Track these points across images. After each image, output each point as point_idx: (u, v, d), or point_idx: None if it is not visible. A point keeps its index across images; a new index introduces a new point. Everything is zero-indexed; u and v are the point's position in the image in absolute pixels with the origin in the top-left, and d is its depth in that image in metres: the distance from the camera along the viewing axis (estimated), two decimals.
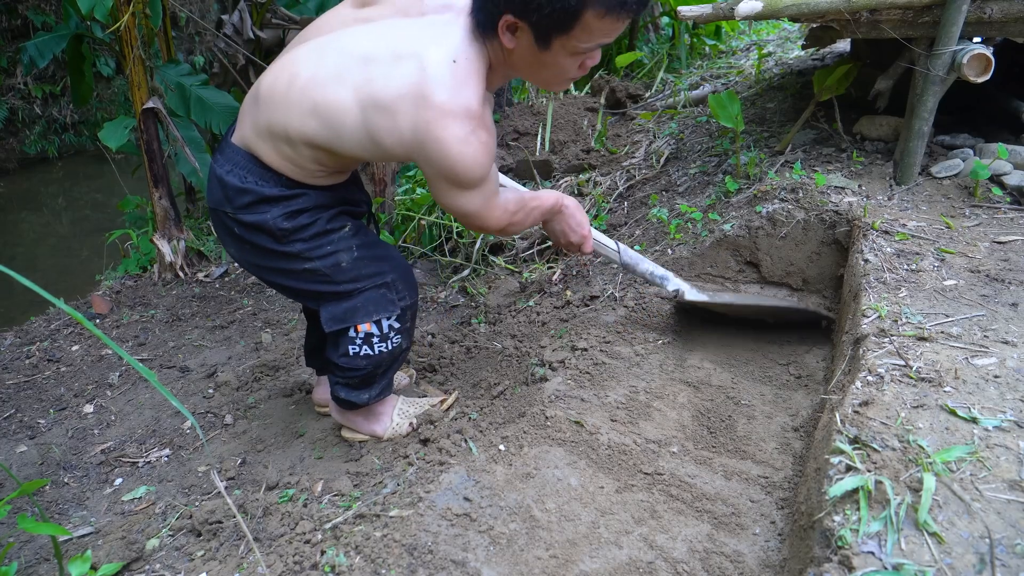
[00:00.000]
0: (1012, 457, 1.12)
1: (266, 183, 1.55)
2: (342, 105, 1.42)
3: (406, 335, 1.72)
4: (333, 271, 1.60)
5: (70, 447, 2.16)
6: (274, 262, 1.61)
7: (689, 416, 1.71)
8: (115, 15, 3.14)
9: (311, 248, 1.58)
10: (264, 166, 1.54)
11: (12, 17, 7.57)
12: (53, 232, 6.36)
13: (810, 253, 2.18)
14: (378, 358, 1.68)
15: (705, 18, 2.25)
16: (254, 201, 1.55)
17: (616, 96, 3.93)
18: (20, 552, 1.67)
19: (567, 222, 1.76)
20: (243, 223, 1.57)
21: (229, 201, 1.57)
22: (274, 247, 1.58)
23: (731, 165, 2.70)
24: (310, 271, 1.60)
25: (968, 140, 2.39)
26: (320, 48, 1.50)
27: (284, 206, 1.55)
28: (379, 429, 1.86)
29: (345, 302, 1.63)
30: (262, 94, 1.52)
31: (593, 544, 1.32)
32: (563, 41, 1.37)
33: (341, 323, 1.64)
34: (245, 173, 1.55)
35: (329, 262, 1.59)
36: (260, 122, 1.52)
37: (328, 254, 1.59)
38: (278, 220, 1.55)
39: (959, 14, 1.97)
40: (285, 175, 1.55)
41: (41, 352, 2.82)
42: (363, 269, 1.62)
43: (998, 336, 1.46)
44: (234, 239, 1.62)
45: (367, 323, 1.63)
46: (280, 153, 1.52)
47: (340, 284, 1.61)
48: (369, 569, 1.27)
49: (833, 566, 1.03)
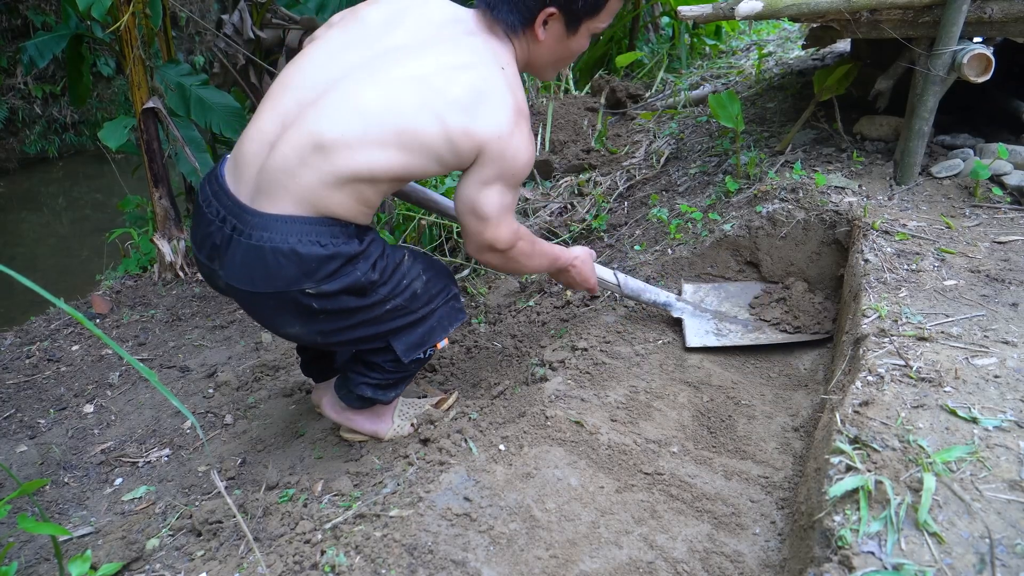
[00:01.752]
0: (1012, 457, 1.12)
1: (346, 241, 1.45)
2: (421, 122, 1.38)
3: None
4: (411, 302, 1.59)
5: (70, 447, 2.16)
6: (356, 318, 1.53)
7: (689, 416, 1.71)
8: (115, 15, 3.14)
9: (392, 288, 1.54)
10: (336, 222, 1.44)
11: (12, 17, 7.57)
12: (53, 232, 6.36)
13: (810, 253, 2.18)
14: (426, 360, 1.70)
15: (705, 18, 2.25)
16: (341, 265, 1.44)
17: (616, 96, 3.92)
18: (20, 552, 1.67)
19: (574, 278, 1.85)
20: (327, 293, 1.44)
21: (310, 275, 1.42)
22: (359, 303, 1.50)
23: (731, 165, 2.70)
24: (391, 311, 1.56)
25: (968, 140, 2.39)
26: (369, 79, 1.42)
27: (366, 258, 1.49)
28: (382, 429, 1.86)
29: (420, 327, 1.63)
30: (329, 142, 1.37)
31: (593, 544, 1.32)
32: (589, 23, 1.50)
33: (420, 348, 1.64)
34: (326, 238, 1.42)
35: (407, 295, 1.57)
36: (339, 170, 1.38)
37: (405, 288, 1.57)
38: (368, 274, 1.48)
39: (959, 14, 1.97)
40: (354, 223, 1.48)
41: (41, 352, 2.82)
42: (432, 289, 1.63)
43: (998, 336, 1.46)
44: (304, 315, 1.48)
45: (445, 339, 1.69)
46: (360, 198, 1.43)
47: (417, 311, 1.61)
48: (369, 569, 1.27)
49: (833, 566, 1.03)
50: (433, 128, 1.39)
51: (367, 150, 1.38)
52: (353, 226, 1.48)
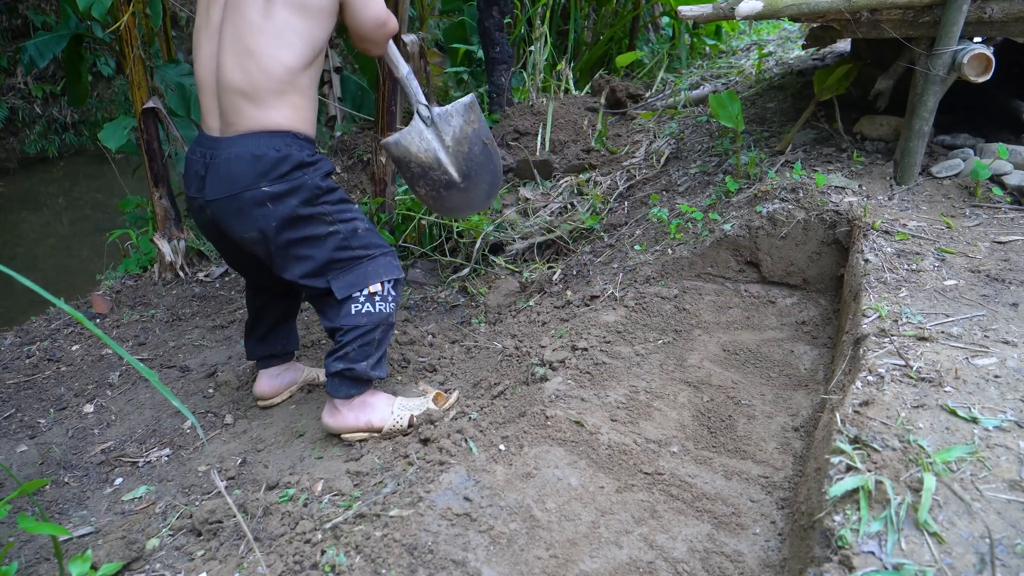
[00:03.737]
0: (1012, 457, 1.12)
1: (297, 148, 1.71)
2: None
3: (395, 308, 1.86)
4: (351, 236, 1.77)
5: (70, 447, 2.16)
6: (303, 230, 1.72)
7: (689, 416, 1.71)
8: (115, 15, 3.14)
9: (336, 211, 1.75)
10: (288, 133, 1.71)
11: (12, 17, 7.57)
12: (53, 232, 6.36)
13: (810, 253, 2.18)
14: (377, 317, 1.79)
15: (705, 18, 2.25)
16: (292, 168, 1.69)
17: (616, 96, 3.93)
18: (20, 552, 1.67)
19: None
20: (279, 193, 1.68)
21: (266, 175, 1.67)
22: (307, 212, 1.70)
23: (731, 165, 2.70)
24: (333, 235, 1.75)
25: (968, 140, 2.39)
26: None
27: (316, 168, 1.74)
28: (376, 420, 1.88)
29: (357, 268, 1.78)
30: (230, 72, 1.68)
31: (593, 544, 1.32)
32: None
33: (355, 287, 1.77)
34: (279, 144, 1.69)
35: (349, 227, 1.77)
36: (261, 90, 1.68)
37: (349, 220, 1.77)
38: (317, 182, 1.72)
39: (959, 14, 1.97)
40: (303, 133, 1.74)
41: (41, 352, 2.82)
42: (372, 239, 1.82)
43: (998, 336, 1.46)
44: (261, 218, 1.70)
45: (378, 283, 1.79)
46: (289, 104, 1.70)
47: (356, 249, 1.78)
48: (369, 569, 1.27)
49: (833, 566, 1.03)
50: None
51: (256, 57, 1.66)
52: (303, 137, 1.74)
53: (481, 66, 4.88)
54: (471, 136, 2.28)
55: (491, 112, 3.90)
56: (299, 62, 1.70)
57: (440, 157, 2.25)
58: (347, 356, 1.80)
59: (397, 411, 1.89)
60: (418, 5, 4.76)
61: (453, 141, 2.26)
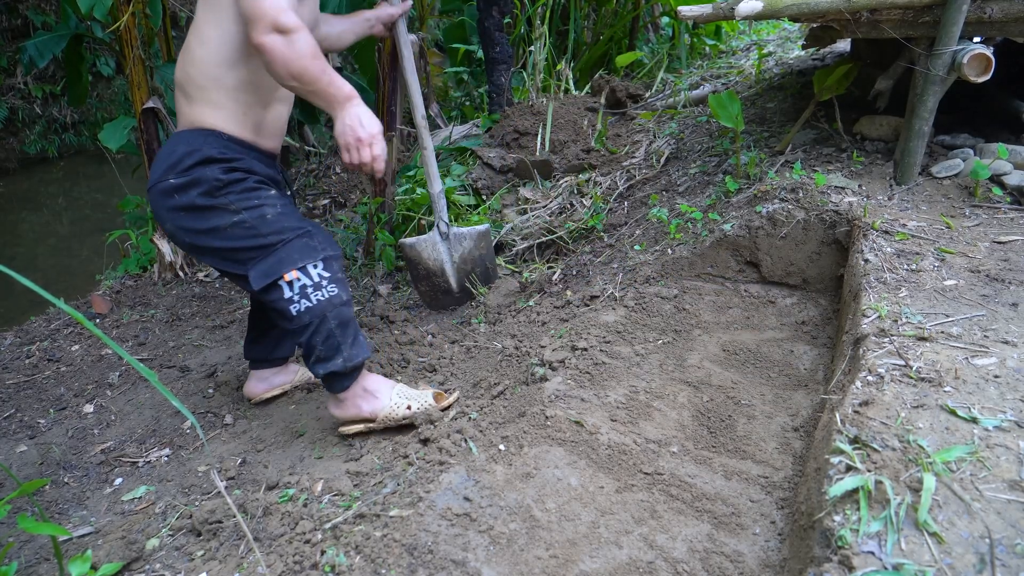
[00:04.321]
0: (1012, 457, 1.12)
1: (212, 146, 1.72)
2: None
3: (341, 285, 1.78)
4: (259, 222, 1.73)
5: (70, 447, 2.16)
6: (208, 221, 1.72)
7: (689, 416, 1.71)
8: (115, 15, 3.14)
9: (240, 200, 1.72)
10: (212, 132, 1.73)
11: (12, 17, 7.57)
12: (53, 232, 6.36)
13: (810, 253, 2.18)
14: (319, 308, 1.74)
15: (705, 18, 2.25)
16: (197, 162, 1.70)
17: (616, 96, 3.92)
18: (20, 552, 1.67)
19: (355, 123, 1.67)
20: (180, 185, 1.70)
21: (173, 168, 1.71)
22: (207, 203, 1.71)
23: (731, 165, 2.70)
24: (238, 224, 1.72)
25: (968, 140, 2.39)
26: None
27: (223, 164, 1.73)
28: (376, 407, 1.87)
29: (271, 255, 1.73)
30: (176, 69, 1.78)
31: (593, 544, 1.32)
32: None
33: (269, 276, 1.72)
34: (196, 140, 1.73)
35: (255, 214, 1.73)
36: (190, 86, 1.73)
37: (255, 207, 1.73)
38: (218, 176, 1.71)
39: (959, 14, 1.97)
40: (231, 135, 1.75)
41: (41, 352, 2.82)
42: (285, 222, 1.75)
43: (998, 336, 1.46)
44: (171, 209, 1.73)
45: (294, 271, 1.71)
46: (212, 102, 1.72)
47: (266, 236, 1.73)
48: (369, 569, 1.27)
49: (833, 566, 1.03)
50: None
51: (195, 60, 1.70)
52: (227, 137, 1.75)
53: (481, 66, 4.88)
54: (477, 259, 2.70)
55: (491, 112, 3.90)
56: (217, 59, 1.69)
57: (446, 268, 2.69)
58: (319, 358, 1.78)
59: (396, 398, 1.88)
60: (418, 5, 4.76)
61: (460, 259, 2.68)
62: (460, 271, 2.67)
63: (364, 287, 3.20)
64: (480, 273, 2.69)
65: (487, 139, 3.68)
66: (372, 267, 3.35)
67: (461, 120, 4.45)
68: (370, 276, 3.29)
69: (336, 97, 1.64)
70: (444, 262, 2.66)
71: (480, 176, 3.39)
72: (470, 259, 2.67)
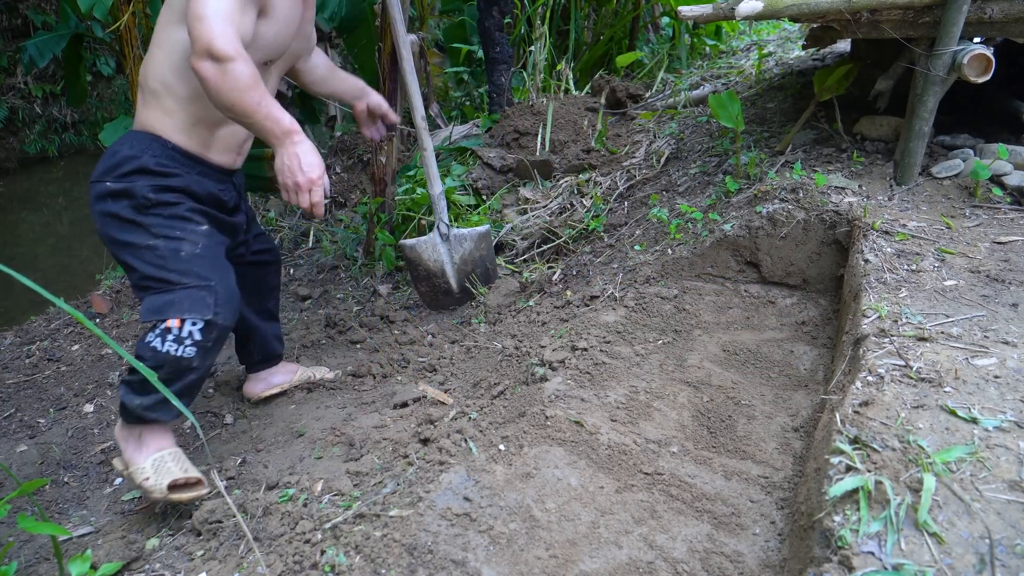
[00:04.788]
0: (1012, 457, 1.12)
1: (152, 154, 1.65)
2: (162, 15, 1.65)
3: (201, 354, 1.64)
4: (171, 256, 1.63)
5: (70, 446, 2.16)
6: (127, 235, 1.64)
7: (689, 416, 1.71)
8: (115, 15, 3.14)
9: (163, 225, 1.64)
10: (156, 138, 1.67)
11: (12, 16, 7.57)
12: (53, 232, 6.36)
13: (810, 253, 2.18)
14: (162, 357, 1.60)
15: (705, 18, 2.25)
16: (132, 170, 1.64)
17: (616, 96, 3.92)
18: (20, 552, 1.67)
19: (294, 161, 1.56)
20: (112, 191, 1.64)
21: (109, 171, 1.65)
22: (131, 217, 1.63)
23: (731, 165, 2.70)
24: (151, 248, 1.63)
25: (968, 140, 2.39)
26: None
27: (157, 179, 1.65)
28: (134, 458, 1.69)
29: (168, 293, 1.63)
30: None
31: (593, 544, 1.32)
32: None
33: (157, 315, 1.62)
34: (138, 144, 1.66)
35: (171, 246, 1.64)
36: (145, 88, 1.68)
37: (175, 238, 1.65)
38: (147, 192, 1.64)
39: (959, 14, 1.97)
40: (174, 144, 1.68)
41: (41, 352, 2.82)
42: (196, 266, 1.64)
43: (998, 336, 1.46)
44: (102, 214, 1.66)
45: (178, 319, 1.61)
46: (162, 108, 1.66)
47: (171, 271, 1.63)
48: (369, 569, 1.27)
49: (833, 566, 1.03)
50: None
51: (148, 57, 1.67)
52: (171, 146, 1.68)
53: (481, 66, 4.88)
54: (477, 260, 2.72)
55: (491, 112, 3.90)
56: (170, 65, 1.62)
57: (446, 269, 2.70)
58: (128, 383, 1.67)
59: (148, 466, 1.67)
60: (418, 5, 4.76)
61: (460, 260, 2.69)
62: (460, 272, 2.67)
63: (364, 287, 3.20)
64: (480, 273, 2.69)
65: (487, 139, 3.68)
66: (372, 267, 3.35)
67: (461, 120, 4.45)
68: (370, 276, 3.29)
69: (273, 132, 1.55)
70: (444, 263, 2.66)
71: (480, 176, 3.39)
72: (470, 260, 2.67)
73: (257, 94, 1.49)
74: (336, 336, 2.71)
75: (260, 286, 2.16)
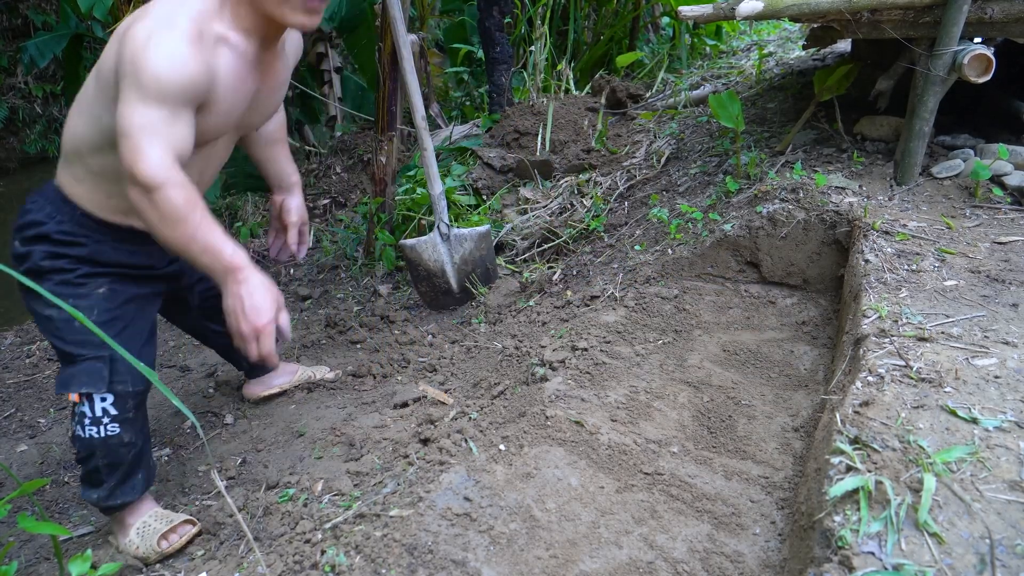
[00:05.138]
0: (1012, 457, 1.12)
1: (59, 221, 1.52)
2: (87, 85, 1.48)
3: (127, 426, 1.55)
4: (64, 327, 1.50)
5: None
6: (29, 300, 1.53)
7: (689, 416, 1.71)
8: (115, 15, 3.14)
9: (65, 295, 1.49)
10: (75, 206, 1.52)
11: (12, 16, 7.57)
12: None
13: (810, 253, 2.18)
14: (88, 443, 1.53)
15: (706, 18, 2.25)
16: (33, 236, 1.51)
17: (616, 96, 3.92)
18: (20, 551, 1.67)
19: (241, 296, 1.38)
20: (17, 254, 1.53)
21: (18, 231, 1.54)
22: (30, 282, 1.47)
23: (731, 165, 2.70)
24: (47, 319, 1.51)
25: (969, 140, 2.39)
26: None
27: (58, 247, 1.51)
28: (123, 543, 1.63)
29: (70, 366, 1.52)
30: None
31: (593, 544, 1.32)
32: None
33: (63, 388, 1.52)
34: (51, 209, 1.53)
35: (63, 316, 1.48)
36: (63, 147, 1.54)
37: (77, 306, 1.50)
38: (41, 259, 1.50)
39: (960, 14, 1.97)
40: (91, 215, 1.53)
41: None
42: (91, 338, 1.49)
43: (998, 336, 1.46)
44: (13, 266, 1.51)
45: (77, 394, 1.51)
46: (74, 175, 1.52)
47: (67, 344, 1.51)
48: (369, 569, 1.27)
49: (833, 566, 1.03)
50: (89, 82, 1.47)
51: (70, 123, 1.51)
52: (81, 213, 1.53)
53: (481, 66, 4.88)
54: (477, 260, 2.72)
55: (491, 112, 3.90)
56: (85, 135, 1.47)
57: (446, 269, 2.70)
58: (82, 479, 1.61)
59: (134, 536, 1.61)
60: (418, 5, 4.76)
61: (461, 260, 2.69)
62: (460, 272, 2.68)
63: (364, 287, 3.20)
64: (480, 273, 2.69)
65: (487, 139, 3.68)
66: (372, 267, 3.35)
67: (461, 120, 4.45)
68: (370, 276, 3.29)
69: (212, 268, 1.37)
70: (445, 263, 2.66)
71: (480, 176, 3.39)
72: (471, 260, 2.68)
73: (190, 226, 1.32)
74: (336, 336, 2.71)
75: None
